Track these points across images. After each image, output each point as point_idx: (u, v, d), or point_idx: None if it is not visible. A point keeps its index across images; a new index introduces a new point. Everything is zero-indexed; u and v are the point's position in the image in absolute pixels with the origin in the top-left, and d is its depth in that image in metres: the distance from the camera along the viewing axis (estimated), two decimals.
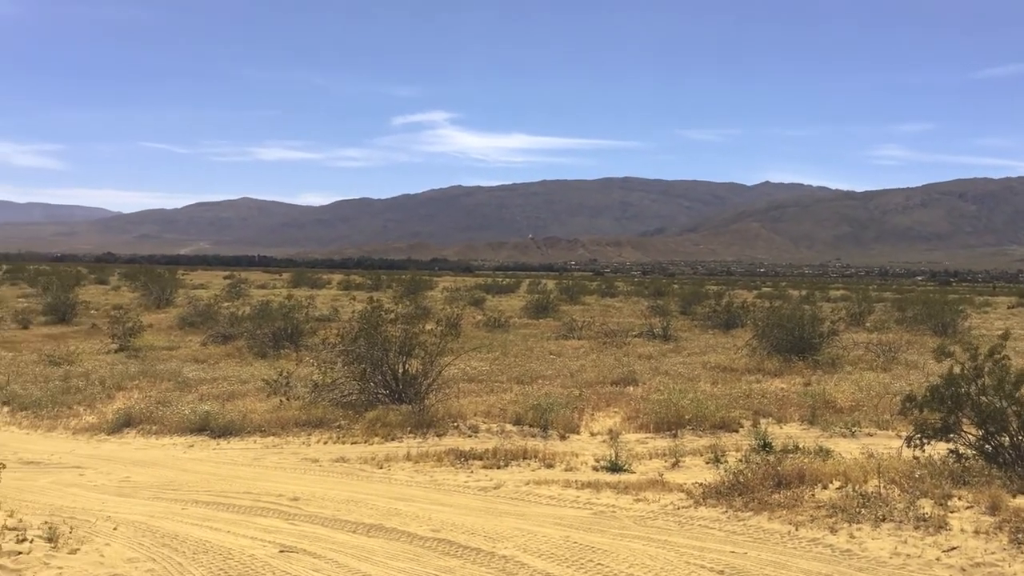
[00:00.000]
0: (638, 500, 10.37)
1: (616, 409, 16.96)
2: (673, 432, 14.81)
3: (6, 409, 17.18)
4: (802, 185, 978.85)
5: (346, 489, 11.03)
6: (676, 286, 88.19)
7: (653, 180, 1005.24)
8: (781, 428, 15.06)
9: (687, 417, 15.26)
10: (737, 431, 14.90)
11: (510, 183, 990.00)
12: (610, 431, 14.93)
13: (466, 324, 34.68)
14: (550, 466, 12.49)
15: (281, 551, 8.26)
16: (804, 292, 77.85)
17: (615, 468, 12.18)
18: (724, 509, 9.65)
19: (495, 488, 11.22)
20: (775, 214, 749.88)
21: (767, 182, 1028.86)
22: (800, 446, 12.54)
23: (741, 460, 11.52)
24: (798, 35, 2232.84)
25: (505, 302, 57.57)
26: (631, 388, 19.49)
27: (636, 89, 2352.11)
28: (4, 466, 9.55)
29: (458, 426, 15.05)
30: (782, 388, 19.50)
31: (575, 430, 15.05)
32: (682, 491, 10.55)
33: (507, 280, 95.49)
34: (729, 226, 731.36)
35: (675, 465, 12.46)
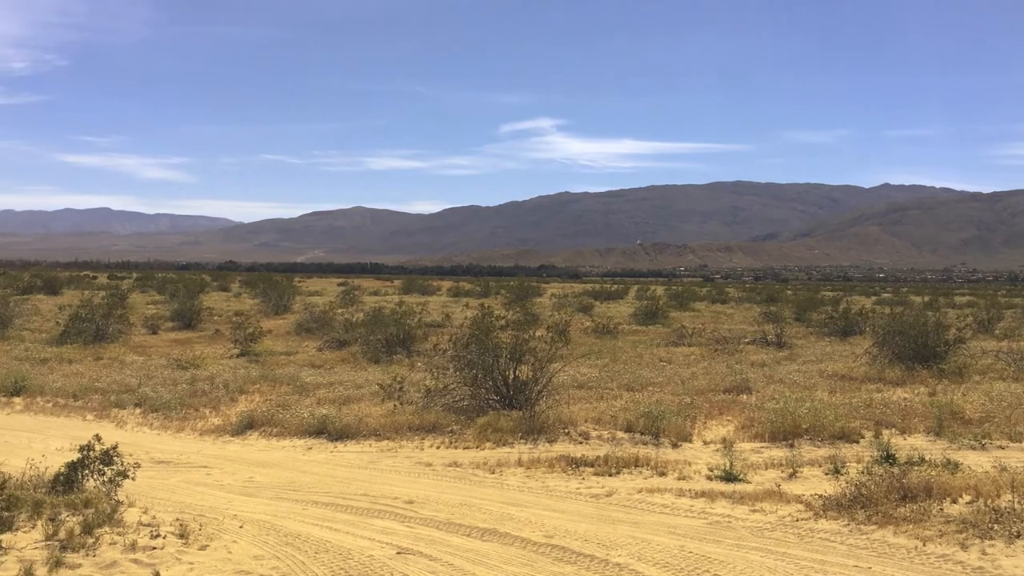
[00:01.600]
0: (754, 511, 10.15)
1: (729, 417, 16.63)
2: (789, 442, 14.43)
3: (138, 411, 18.04)
4: (924, 187, 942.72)
5: (459, 493, 11.17)
6: (790, 292, 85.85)
7: (764, 183, 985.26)
8: (905, 439, 14.48)
9: (804, 427, 14.84)
10: (857, 442, 14.38)
11: (617, 189, 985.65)
12: (723, 440, 14.65)
13: (575, 331, 34.63)
14: (662, 474, 12.36)
15: (398, 552, 8.43)
16: (927, 298, 74.56)
17: (730, 477, 11.96)
18: (846, 522, 9.35)
19: (607, 495, 11.16)
20: (895, 217, 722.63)
21: (886, 184, 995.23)
22: (926, 458, 12.02)
23: (863, 472, 11.15)
24: (919, 31, 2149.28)
25: (613, 308, 57.20)
26: (744, 396, 19.09)
27: (745, 91, 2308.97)
28: (139, 465, 10.04)
29: (569, 432, 15.04)
30: (905, 398, 18.74)
31: (687, 438, 14.83)
32: (801, 502, 10.28)
33: (615, 286, 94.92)
34: (846, 230, 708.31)
35: (792, 476, 12.13)
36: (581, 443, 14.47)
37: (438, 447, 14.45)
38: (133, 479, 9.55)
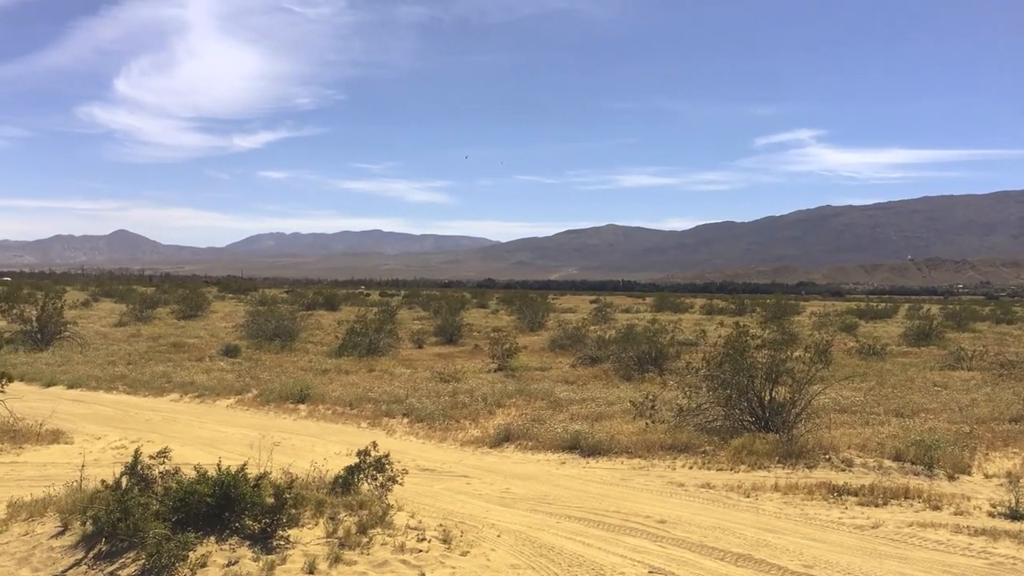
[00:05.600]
0: None
1: (1016, 449, 15.13)
2: None
3: (406, 420, 19.23)
4: None
5: (712, 516, 10.96)
6: None
7: None
8: None
9: None
10: None
11: (885, 201, 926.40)
12: (1009, 474, 13.34)
13: (836, 351, 32.87)
14: (936, 508, 11.45)
15: (650, 572, 8.41)
16: None
17: (1016, 515, 10.88)
18: None
19: (872, 527, 10.51)
20: None
21: None
22: None
23: None
24: None
25: (880, 328, 53.72)
26: None
27: None
28: (407, 472, 10.71)
29: (830, 458, 14.31)
30: None
31: (965, 470, 13.64)
32: None
33: (882, 305, 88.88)
34: None
35: None
36: (843, 470, 13.72)
37: (690, 467, 14.25)
38: (402, 485, 10.18)
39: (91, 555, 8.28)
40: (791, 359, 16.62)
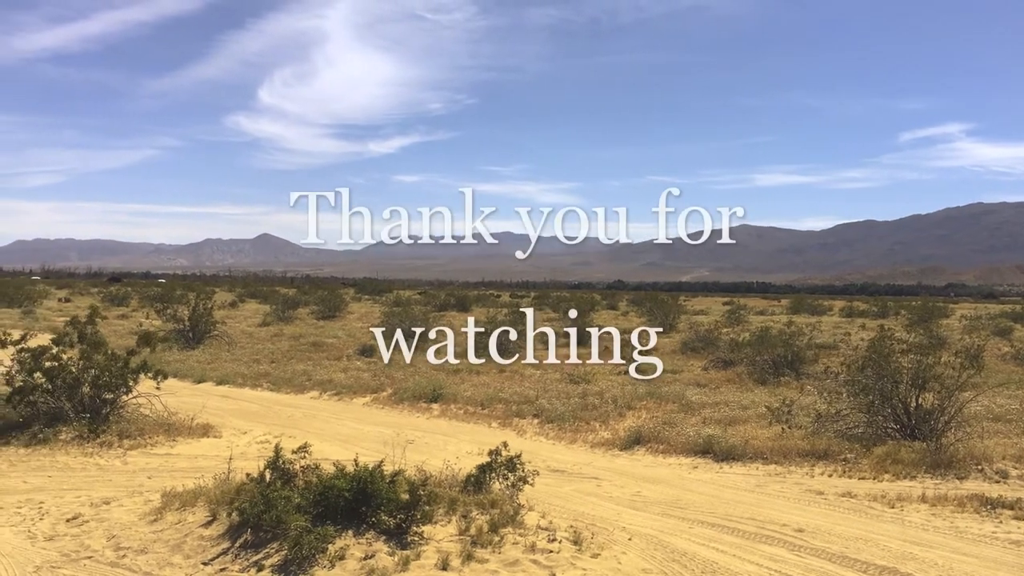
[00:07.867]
0: None
1: None
2: None
3: (536, 421, 19.32)
4: None
5: (854, 526, 10.53)
6: None
7: None
8: None
9: None
10: None
11: None
12: None
13: (989, 357, 31.05)
14: None
15: None
16: None
17: None
18: None
19: None
20: None
21: None
22: None
23: None
24: None
25: None
26: None
27: None
28: (537, 472, 10.75)
29: (983, 469, 13.53)
30: None
31: None
32: None
33: None
34: None
35: None
36: (998, 482, 12.95)
37: (829, 475, 13.75)
38: (532, 485, 10.24)
39: (237, 544, 8.68)
40: (939, 364, 15.79)
